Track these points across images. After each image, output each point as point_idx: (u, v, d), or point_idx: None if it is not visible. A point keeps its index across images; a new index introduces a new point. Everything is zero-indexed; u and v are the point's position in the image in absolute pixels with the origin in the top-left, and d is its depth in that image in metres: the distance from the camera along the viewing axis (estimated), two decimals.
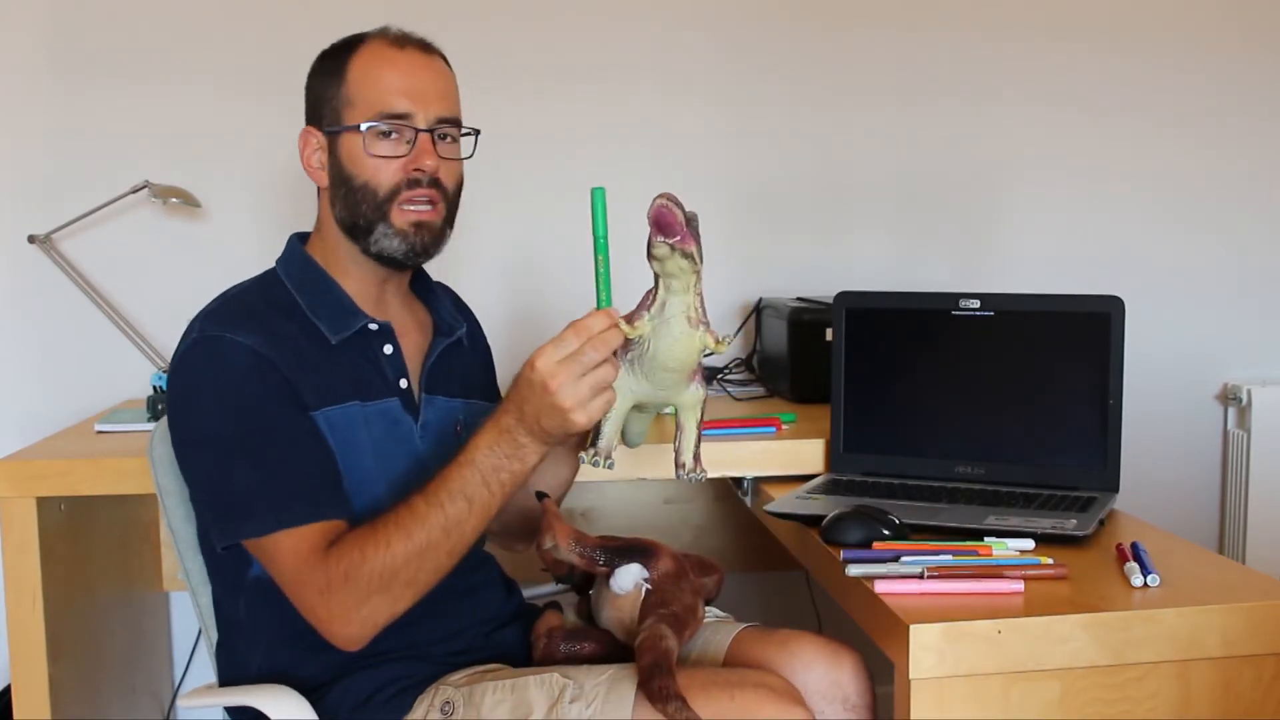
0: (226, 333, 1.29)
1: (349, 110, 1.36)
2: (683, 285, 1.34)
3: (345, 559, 1.22)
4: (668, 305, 1.34)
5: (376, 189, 1.36)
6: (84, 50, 2.26)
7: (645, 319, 1.34)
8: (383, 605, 1.23)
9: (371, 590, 1.22)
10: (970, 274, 2.53)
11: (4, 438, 2.17)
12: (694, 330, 1.35)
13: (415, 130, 1.36)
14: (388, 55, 1.37)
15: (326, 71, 1.39)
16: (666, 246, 1.32)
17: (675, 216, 1.35)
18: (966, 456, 1.72)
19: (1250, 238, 2.63)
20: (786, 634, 1.44)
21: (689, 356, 1.36)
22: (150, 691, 2.25)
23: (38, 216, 2.20)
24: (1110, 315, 1.63)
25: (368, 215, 1.37)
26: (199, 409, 1.29)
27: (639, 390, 1.37)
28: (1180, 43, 2.56)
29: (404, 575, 1.23)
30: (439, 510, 1.23)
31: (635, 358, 1.35)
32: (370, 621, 1.24)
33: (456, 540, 1.25)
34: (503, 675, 1.34)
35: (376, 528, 1.24)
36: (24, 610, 1.73)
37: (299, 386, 1.30)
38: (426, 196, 1.37)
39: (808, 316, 2.14)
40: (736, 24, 2.44)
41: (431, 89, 1.38)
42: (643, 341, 1.34)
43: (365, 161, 1.35)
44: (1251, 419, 2.54)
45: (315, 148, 1.40)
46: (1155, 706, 1.25)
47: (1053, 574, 1.32)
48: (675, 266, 1.33)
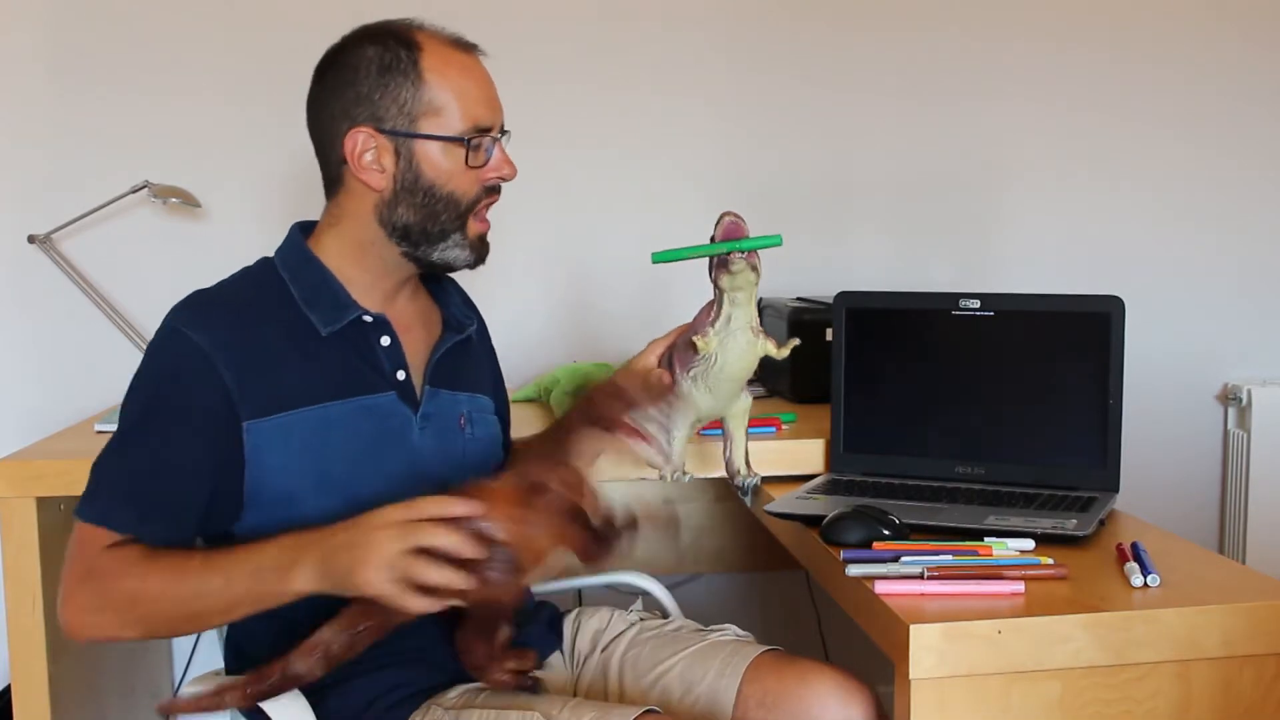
0: (183, 327, 1.30)
1: (433, 118, 1.32)
2: (747, 297, 1.41)
3: (114, 567, 1.23)
4: (733, 318, 1.40)
5: (461, 199, 1.35)
6: (84, 50, 2.26)
7: (711, 334, 1.40)
8: (111, 625, 1.24)
9: (109, 604, 1.23)
10: (970, 274, 2.53)
11: (4, 438, 2.17)
12: (757, 339, 1.42)
13: (493, 139, 1.36)
14: (461, 61, 1.35)
15: (388, 70, 1.31)
16: (745, 262, 1.39)
17: (745, 231, 1.41)
18: (966, 456, 1.72)
19: (1250, 238, 2.63)
20: (805, 666, 1.40)
21: (751, 366, 1.42)
22: (150, 691, 2.25)
23: (38, 216, 2.20)
24: (1110, 315, 1.63)
25: (445, 224, 1.35)
26: (129, 390, 1.33)
27: (704, 404, 1.44)
28: (1180, 43, 2.56)
29: (141, 610, 1.22)
30: (220, 575, 1.21)
31: (700, 373, 1.41)
32: (93, 629, 1.24)
33: (199, 610, 1.22)
34: (491, 702, 1.32)
35: (158, 556, 1.23)
36: (24, 610, 1.73)
37: (245, 391, 1.29)
38: (492, 205, 1.39)
39: (808, 316, 2.14)
40: (737, 24, 2.44)
41: (496, 95, 1.38)
42: (709, 356, 1.39)
43: (457, 173, 1.34)
44: (1251, 419, 2.54)
45: (372, 148, 1.32)
46: (1155, 707, 1.25)
47: (1053, 574, 1.32)
48: (745, 280, 1.39)
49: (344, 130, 1.33)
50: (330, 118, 1.34)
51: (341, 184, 1.37)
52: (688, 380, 1.42)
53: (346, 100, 1.33)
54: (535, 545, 1.16)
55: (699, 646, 1.45)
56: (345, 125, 1.33)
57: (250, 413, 1.29)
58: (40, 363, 2.29)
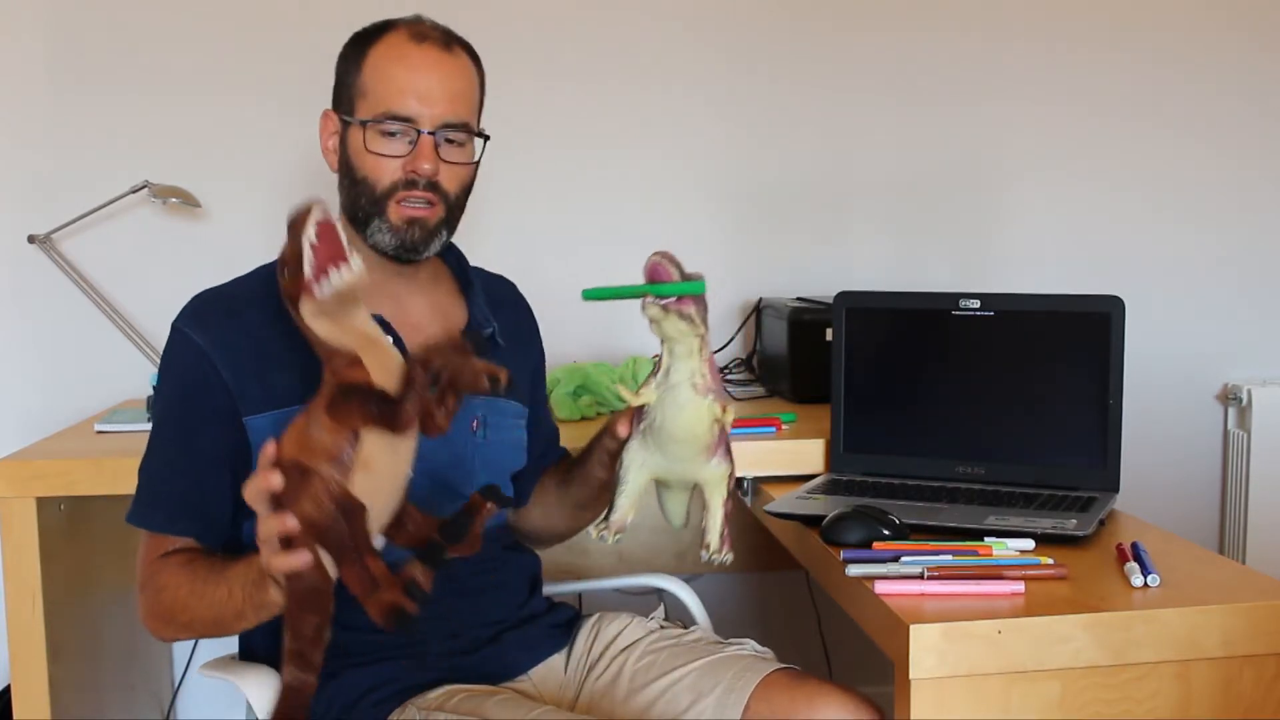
0: (185, 327, 1.36)
1: (361, 102, 1.37)
2: (686, 350, 1.25)
3: (160, 578, 1.31)
4: (672, 371, 1.26)
5: (375, 184, 1.37)
6: (84, 50, 2.26)
7: (651, 386, 1.28)
8: (169, 631, 1.33)
9: (158, 613, 1.31)
10: (970, 274, 2.53)
11: (4, 438, 2.17)
12: (701, 398, 1.26)
13: (419, 131, 1.36)
14: (404, 51, 1.37)
15: (349, 57, 1.41)
16: (658, 307, 1.23)
17: (670, 274, 1.23)
18: (966, 456, 1.72)
19: (1250, 238, 2.63)
20: (814, 689, 1.36)
21: (697, 426, 1.27)
22: (150, 691, 2.25)
23: (38, 216, 2.20)
24: (1110, 315, 1.63)
25: (366, 208, 1.39)
26: (154, 392, 1.41)
27: (653, 463, 1.31)
28: (1181, 43, 2.56)
29: (180, 620, 1.29)
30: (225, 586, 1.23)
31: (646, 428, 1.29)
32: (159, 633, 1.34)
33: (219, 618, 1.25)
34: (461, 706, 1.32)
35: (192, 567, 1.29)
36: (24, 610, 1.73)
37: (243, 389, 1.32)
38: (424, 198, 1.38)
39: (808, 316, 2.14)
40: (737, 24, 2.44)
41: (440, 91, 1.37)
42: (650, 410, 1.28)
43: (366, 157, 1.37)
44: (1251, 419, 2.54)
45: (332, 132, 1.42)
46: (1155, 707, 1.25)
47: (1053, 574, 1.32)
48: (674, 329, 1.24)
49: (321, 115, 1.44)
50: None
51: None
52: (639, 435, 1.30)
53: (334, 88, 1.43)
54: (320, 442, 1.11)
55: (712, 659, 1.42)
56: (324, 110, 1.44)
57: (248, 409, 1.33)
58: (40, 363, 2.29)
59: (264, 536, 1.11)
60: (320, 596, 1.13)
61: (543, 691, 1.46)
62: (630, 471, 1.34)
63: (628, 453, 1.34)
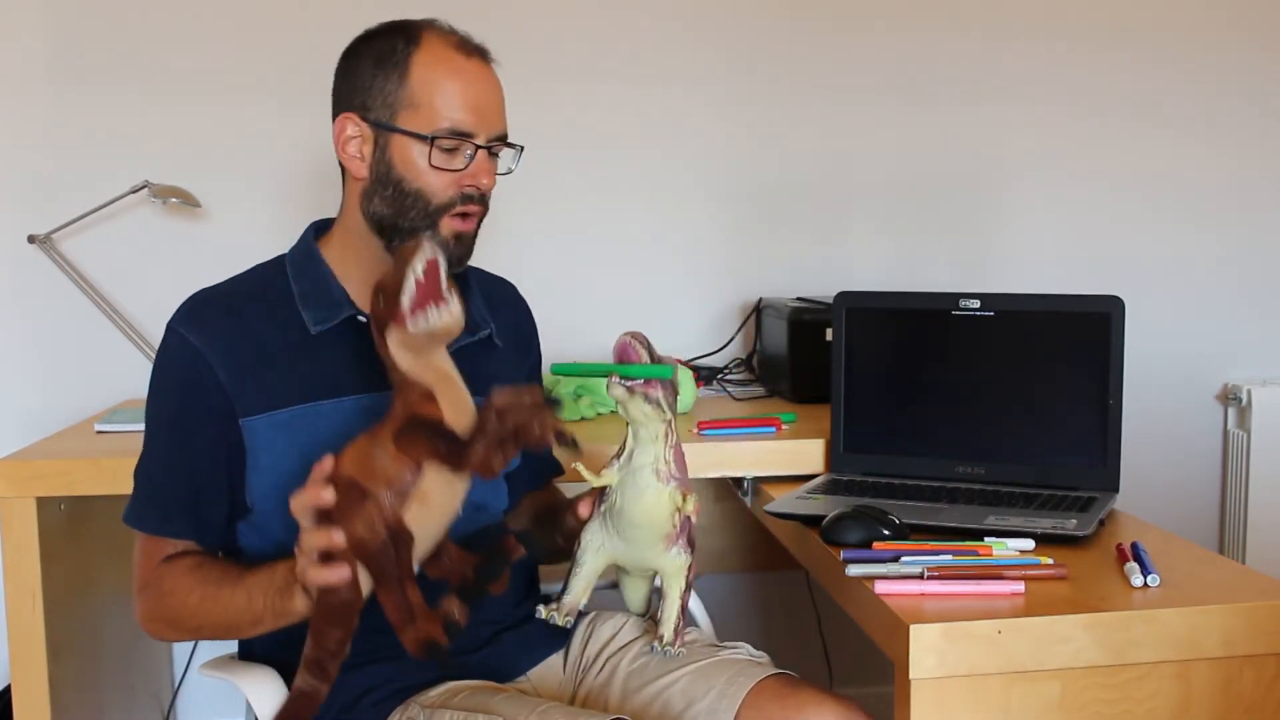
0: (181, 327, 1.35)
1: (411, 113, 1.34)
2: (650, 435, 1.23)
3: (163, 582, 1.32)
4: (635, 454, 1.24)
5: (430, 198, 1.35)
6: (84, 50, 2.26)
7: (614, 468, 1.25)
8: (170, 634, 1.35)
9: (162, 617, 1.33)
10: (970, 274, 2.53)
11: (4, 438, 2.17)
12: (663, 485, 1.24)
13: (476, 146, 1.36)
14: (456, 63, 1.35)
15: (382, 61, 1.34)
16: (624, 389, 1.20)
17: (638, 356, 1.22)
18: (966, 456, 1.72)
19: (1250, 238, 2.62)
20: (806, 696, 1.33)
21: (658, 514, 1.25)
22: (150, 691, 2.25)
23: (38, 216, 2.20)
24: (1110, 315, 1.63)
25: (415, 220, 1.36)
26: (148, 393, 1.38)
27: (612, 547, 1.29)
28: (1181, 43, 2.56)
29: (189, 624, 1.31)
30: (245, 592, 1.24)
31: (607, 510, 1.27)
32: (158, 635, 1.36)
33: (234, 624, 1.28)
34: (465, 703, 1.31)
35: (202, 571, 1.31)
36: (24, 610, 1.73)
37: (240, 390, 1.32)
38: (477, 212, 1.38)
39: (808, 316, 2.14)
40: (737, 24, 2.44)
41: (493, 105, 1.37)
42: (611, 492, 1.25)
43: (425, 171, 1.34)
44: (1251, 419, 2.54)
45: (356, 136, 1.36)
46: (1155, 706, 1.25)
47: (1053, 574, 1.32)
48: (639, 412, 1.22)
49: (336, 115, 1.38)
50: (335, 104, 1.40)
51: (341, 173, 1.41)
52: (599, 516, 1.28)
53: (347, 88, 1.38)
54: (383, 468, 1.13)
55: (706, 663, 1.40)
56: (339, 111, 1.38)
57: (244, 410, 1.33)
58: (40, 363, 2.29)
59: (306, 548, 1.12)
60: (349, 612, 1.15)
61: (542, 692, 1.46)
62: (587, 554, 1.33)
63: (586, 533, 1.33)
